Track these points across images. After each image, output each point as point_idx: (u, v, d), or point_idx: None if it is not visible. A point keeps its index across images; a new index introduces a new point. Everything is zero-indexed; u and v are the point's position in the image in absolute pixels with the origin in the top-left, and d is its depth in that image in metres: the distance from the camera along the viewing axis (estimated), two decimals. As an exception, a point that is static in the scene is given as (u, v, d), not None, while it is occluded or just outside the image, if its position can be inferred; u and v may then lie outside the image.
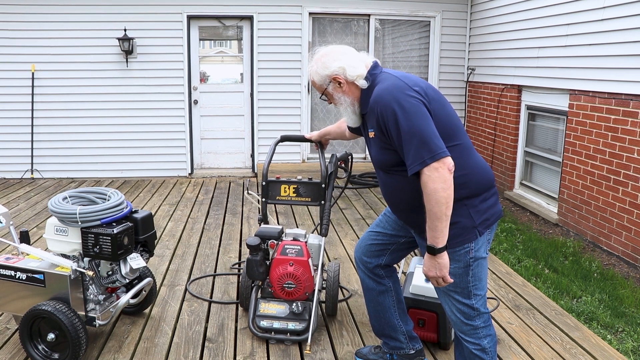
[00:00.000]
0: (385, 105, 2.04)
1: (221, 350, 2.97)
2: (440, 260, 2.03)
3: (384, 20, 7.82)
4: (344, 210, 5.91)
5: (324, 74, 2.27)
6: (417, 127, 1.97)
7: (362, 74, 2.22)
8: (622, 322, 3.70)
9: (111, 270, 2.85)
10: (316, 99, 7.91)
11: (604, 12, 5.03)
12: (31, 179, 7.40)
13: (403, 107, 2.00)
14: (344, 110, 2.32)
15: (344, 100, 2.28)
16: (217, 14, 7.45)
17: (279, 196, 3.26)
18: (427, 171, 1.95)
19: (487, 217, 2.14)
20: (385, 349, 2.72)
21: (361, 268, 2.63)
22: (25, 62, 7.18)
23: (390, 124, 2.03)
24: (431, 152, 1.94)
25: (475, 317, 2.19)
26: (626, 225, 4.80)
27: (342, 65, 2.23)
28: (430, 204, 1.96)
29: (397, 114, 2.00)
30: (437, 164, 1.94)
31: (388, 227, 2.55)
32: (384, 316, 2.64)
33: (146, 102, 7.46)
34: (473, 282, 2.16)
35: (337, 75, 2.24)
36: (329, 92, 2.31)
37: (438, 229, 1.98)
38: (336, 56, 2.25)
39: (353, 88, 2.26)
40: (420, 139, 1.96)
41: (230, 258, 4.39)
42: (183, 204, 6.17)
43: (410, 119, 1.98)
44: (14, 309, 2.83)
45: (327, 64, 2.25)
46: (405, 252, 2.57)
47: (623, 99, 4.83)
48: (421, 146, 1.96)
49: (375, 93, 2.11)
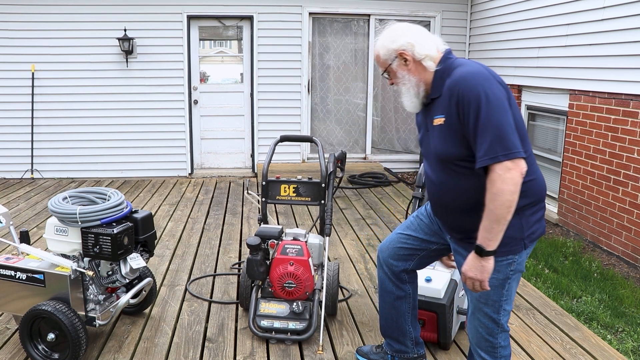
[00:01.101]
0: (469, 88, 1.91)
1: (221, 350, 2.97)
2: (485, 264, 1.94)
3: (384, 20, 7.82)
4: (344, 210, 5.91)
5: (391, 47, 2.11)
6: (497, 120, 1.86)
7: (431, 54, 2.07)
8: (622, 322, 3.70)
9: (111, 270, 2.85)
10: (316, 99, 7.91)
11: (603, 12, 5.03)
12: (31, 179, 7.40)
13: (487, 95, 1.88)
14: (405, 92, 2.14)
15: (408, 79, 2.11)
16: (217, 14, 7.45)
17: (279, 196, 3.26)
18: (499, 169, 1.84)
19: (534, 230, 2.04)
20: (388, 350, 2.69)
21: (384, 270, 2.51)
22: (25, 62, 7.18)
23: (471, 108, 1.90)
24: (507, 149, 1.84)
25: (497, 334, 2.13)
26: (626, 225, 4.80)
27: (411, 41, 2.08)
28: (493, 204, 1.86)
29: (481, 100, 1.88)
30: (510, 163, 1.84)
31: (420, 232, 2.41)
32: (396, 320, 2.57)
33: (146, 102, 7.46)
34: (505, 297, 2.09)
35: (404, 51, 2.08)
36: (393, 69, 2.14)
37: (494, 231, 1.89)
38: (406, 31, 2.11)
39: (420, 68, 2.09)
40: (497, 132, 1.85)
41: (230, 258, 4.39)
42: (183, 204, 6.17)
43: (493, 109, 1.87)
44: (14, 309, 2.83)
45: (396, 37, 2.10)
46: (434, 259, 2.47)
47: (623, 99, 4.83)
48: (497, 141, 1.85)
49: (457, 75, 1.97)
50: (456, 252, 2.22)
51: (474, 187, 1.98)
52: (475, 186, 1.96)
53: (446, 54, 2.10)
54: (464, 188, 2.03)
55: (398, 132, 8.26)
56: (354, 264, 4.28)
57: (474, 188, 1.98)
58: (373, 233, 5.12)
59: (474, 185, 1.98)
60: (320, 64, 7.87)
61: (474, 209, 2.01)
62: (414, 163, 8.23)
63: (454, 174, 2.04)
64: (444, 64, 2.06)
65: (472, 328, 2.19)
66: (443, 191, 2.12)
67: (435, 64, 2.08)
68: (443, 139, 2.02)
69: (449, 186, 2.08)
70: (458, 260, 2.22)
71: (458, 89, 1.93)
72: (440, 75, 2.06)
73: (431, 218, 2.40)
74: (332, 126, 8.08)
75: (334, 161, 3.23)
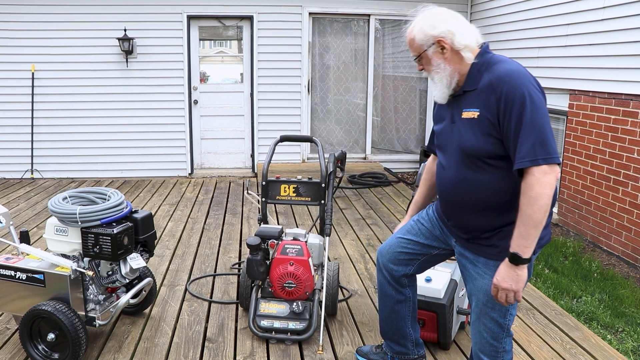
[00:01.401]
0: (514, 86, 1.86)
1: (221, 350, 2.97)
2: (521, 272, 1.89)
3: (384, 20, 7.82)
4: (344, 210, 5.91)
5: (430, 33, 2.01)
6: (540, 123, 1.84)
7: (470, 45, 2.00)
8: (622, 322, 3.70)
9: (111, 270, 2.85)
10: (316, 99, 7.92)
11: (603, 12, 5.03)
12: (31, 179, 7.40)
13: (532, 97, 1.85)
14: (438, 81, 2.05)
15: (443, 68, 2.02)
16: (217, 14, 7.45)
17: (279, 196, 3.26)
18: (537, 172, 1.82)
19: (543, 235, 1.99)
20: (388, 351, 2.67)
21: (384, 274, 2.47)
22: (25, 62, 7.18)
23: (514, 108, 1.85)
24: (547, 153, 1.83)
25: (502, 339, 2.11)
26: (626, 225, 4.80)
27: (452, 29, 1.99)
28: (532, 209, 1.83)
29: (526, 101, 1.84)
30: (548, 167, 1.83)
31: (421, 236, 2.36)
32: (396, 324, 2.55)
33: (146, 102, 7.46)
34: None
35: (444, 39, 1.99)
36: (428, 56, 2.04)
37: (531, 237, 1.86)
38: (447, 18, 2.02)
39: (456, 58, 2.01)
40: (539, 135, 1.83)
41: (230, 258, 4.39)
42: (183, 204, 6.17)
43: (536, 112, 1.84)
44: (14, 309, 2.83)
45: (436, 23, 2.01)
46: (434, 264, 2.44)
47: (623, 99, 4.83)
48: (538, 144, 1.82)
49: (501, 71, 1.92)
50: (461, 256, 2.19)
51: (496, 186, 1.96)
52: (498, 185, 1.94)
53: (485, 48, 2.04)
54: (486, 186, 1.99)
55: (398, 132, 8.26)
56: (354, 264, 4.28)
57: (496, 187, 1.96)
58: (373, 233, 5.12)
59: (497, 184, 1.96)
60: (320, 64, 7.87)
61: (491, 208, 1.99)
62: (414, 163, 8.23)
63: (478, 169, 1.99)
64: (482, 58, 2.00)
65: (476, 332, 2.17)
66: (462, 187, 2.05)
67: (474, 56, 2.01)
68: (474, 133, 1.96)
69: (470, 182, 2.02)
70: (463, 264, 2.19)
71: (502, 86, 1.88)
72: (478, 69, 1.99)
73: (433, 222, 2.35)
74: (332, 126, 8.08)
75: (334, 161, 3.23)
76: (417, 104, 8.20)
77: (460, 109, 2.03)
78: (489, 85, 1.93)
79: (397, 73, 8.11)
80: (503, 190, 1.96)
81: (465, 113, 2.00)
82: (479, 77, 1.98)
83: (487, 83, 1.94)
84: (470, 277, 2.14)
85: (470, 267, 2.13)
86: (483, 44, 2.05)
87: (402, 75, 8.11)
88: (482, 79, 1.96)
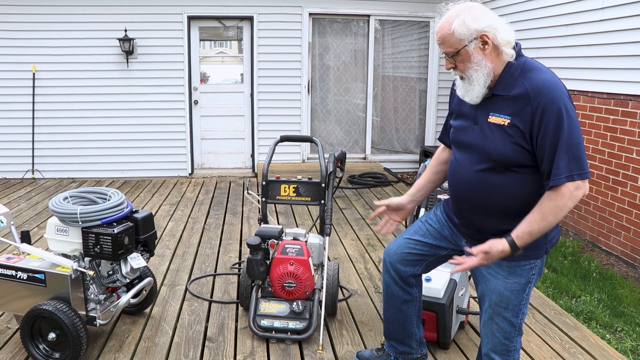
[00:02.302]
0: (552, 100, 1.82)
1: (221, 349, 2.98)
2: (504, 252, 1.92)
3: (384, 20, 7.83)
4: (344, 210, 5.92)
5: (473, 27, 1.88)
6: (577, 139, 1.84)
7: (511, 41, 1.91)
8: (621, 321, 3.71)
9: (112, 270, 2.86)
10: (316, 99, 7.93)
11: (603, 13, 5.04)
12: (32, 179, 7.41)
13: (569, 112, 1.83)
14: (475, 79, 1.93)
15: (483, 65, 1.91)
16: (218, 14, 7.46)
17: (279, 196, 3.27)
18: (572, 187, 1.85)
19: (554, 235, 2.07)
20: (391, 352, 2.64)
21: (391, 274, 2.44)
22: (26, 63, 7.19)
23: (550, 123, 1.82)
24: (581, 169, 1.85)
25: (514, 337, 2.12)
26: (625, 225, 4.81)
27: (494, 24, 1.89)
28: (551, 215, 1.88)
29: (563, 117, 1.82)
30: (581, 183, 1.85)
31: (430, 237, 2.34)
32: (402, 324, 2.53)
33: (147, 103, 7.47)
34: (525, 300, 2.08)
35: (487, 33, 1.89)
36: (467, 52, 1.91)
37: (534, 235, 1.91)
38: (488, 12, 1.92)
39: (494, 56, 1.92)
40: (576, 152, 1.84)
41: (230, 258, 4.40)
42: (183, 204, 6.18)
43: (574, 128, 1.83)
44: (15, 309, 2.84)
45: (479, 16, 1.89)
46: (441, 264, 2.42)
47: (622, 99, 4.84)
48: (574, 160, 1.84)
49: (539, 81, 1.86)
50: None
51: (515, 191, 1.96)
52: (517, 191, 1.95)
53: (518, 49, 1.96)
54: (504, 190, 1.97)
55: (398, 132, 8.27)
56: (354, 263, 4.29)
57: (515, 192, 1.96)
58: (373, 233, 5.13)
59: (515, 190, 1.96)
60: (320, 64, 7.88)
61: (504, 212, 2.00)
62: (414, 163, 8.24)
63: (498, 174, 1.96)
64: (518, 60, 1.93)
65: (488, 332, 2.16)
66: (478, 188, 2.02)
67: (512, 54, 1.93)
68: (502, 140, 1.91)
69: (488, 184, 1.99)
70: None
71: (540, 98, 1.83)
72: (512, 72, 1.92)
73: (441, 223, 2.33)
74: (332, 126, 8.09)
75: (334, 161, 3.25)
76: (417, 104, 8.21)
77: (487, 112, 1.96)
78: (525, 94, 1.87)
79: (397, 73, 8.12)
80: (520, 196, 1.97)
81: (494, 118, 1.93)
82: (512, 82, 1.91)
83: (522, 91, 1.88)
84: (483, 277, 2.13)
85: (483, 268, 2.11)
86: (516, 44, 1.97)
87: (401, 76, 8.13)
88: (516, 85, 1.90)
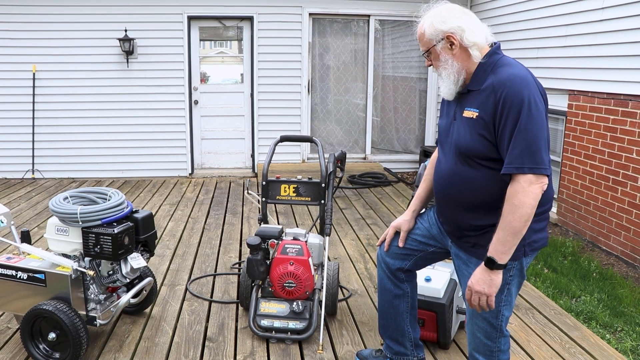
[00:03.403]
0: (515, 92, 1.86)
1: (221, 349, 2.98)
2: (495, 277, 1.92)
3: (384, 20, 7.84)
4: (344, 210, 5.92)
5: (440, 28, 2.02)
6: (534, 132, 1.85)
7: (479, 43, 2.00)
8: (620, 321, 3.71)
9: (112, 270, 2.87)
10: (316, 99, 7.93)
11: (603, 13, 5.04)
12: (32, 179, 7.41)
13: (531, 104, 1.85)
14: (446, 77, 2.05)
15: (450, 64, 2.03)
16: (218, 14, 7.47)
17: (279, 196, 3.27)
18: (523, 181, 1.84)
19: (535, 238, 2.02)
20: (388, 353, 2.66)
21: (382, 267, 2.50)
22: (26, 63, 7.19)
23: (510, 113, 1.86)
24: (534, 163, 1.84)
25: (496, 338, 2.12)
26: (625, 225, 4.81)
27: (462, 26, 1.99)
28: (512, 216, 1.85)
29: (523, 109, 1.85)
30: (534, 177, 1.84)
31: (418, 233, 2.40)
32: (394, 320, 2.56)
33: (147, 103, 7.48)
34: (505, 302, 2.07)
35: (453, 35, 2.00)
36: (436, 51, 2.06)
37: (509, 244, 1.88)
38: (458, 15, 2.02)
39: (464, 56, 2.02)
40: (530, 145, 1.84)
41: (230, 258, 4.40)
42: (183, 204, 6.19)
43: (532, 121, 1.85)
44: (15, 309, 2.84)
45: (447, 19, 2.01)
46: (430, 262, 2.45)
47: (622, 99, 4.84)
48: (527, 152, 1.84)
49: (504, 75, 1.92)
50: (456, 257, 2.21)
51: (485, 185, 1.98)
52: (487, 184, 1.97)
53: (495, 48, 2.04)
54: (476, 184, 2.01)
55: (398, 132, 8.27)
56: (354, 263, 4.29)
57: (485, 186, 1.98)
58: (373, 233, 5.13)
59: (486, 183, 1.98)
60: (320, 64, 7.88)
61: (478, 206, 2.02)
62: (414, 163, 8.24)
63: (470, 167, 2.02)
64: (490, 58, 2.00)
65: (469, 332, 2.19)
66: (453, 182, 2.07)
67: (482, 55, 2.01)
68: (473, 133, 1.98)
69: (461, 178, 2.04)
70: (457, 265, 2.22)
71: (502, 90, 1.89)
72: (484, 69, 2.00)
73: (431, 222, 2.38)
74: (332, 126, 8.09)
75: (334, 161, 3.25)
76: (417, 104, 8.22)
77: (463, 108, 2.04)
78: (490, 87, 1.93)
79: (397, 73, 8.12)
80: (491, 190, 1.97)
81: (466, 112, 2.01)
82: (484, 77, 1.98)
83: (489, 85, 1.94)
84: (464, 277, 2.17)
85: (464, 268, 2.17)
86: (494, 44, 2.05)
87: (401, 76, 8.13)
88: (487, 80, 1.96)
